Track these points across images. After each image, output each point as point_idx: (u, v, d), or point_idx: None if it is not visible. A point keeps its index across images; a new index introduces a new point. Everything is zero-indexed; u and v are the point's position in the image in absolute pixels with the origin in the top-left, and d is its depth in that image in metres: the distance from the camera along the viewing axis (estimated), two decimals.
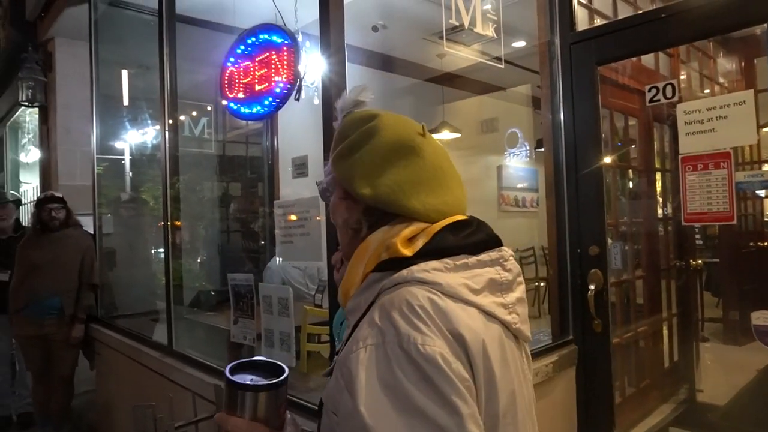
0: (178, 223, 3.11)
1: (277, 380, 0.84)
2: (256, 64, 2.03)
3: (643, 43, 2.24)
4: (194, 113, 5.18)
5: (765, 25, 2.13)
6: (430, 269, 0.73)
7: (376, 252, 0.78)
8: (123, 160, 5.05)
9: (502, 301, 0.78)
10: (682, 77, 3.87)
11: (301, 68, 2.00)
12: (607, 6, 2.93)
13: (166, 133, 3.15)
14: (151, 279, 4.17)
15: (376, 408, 0.64)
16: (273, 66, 1.94)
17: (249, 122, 5.85)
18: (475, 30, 2.43)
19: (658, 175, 3.63)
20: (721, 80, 4.21)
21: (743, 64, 4.59)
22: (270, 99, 1.96)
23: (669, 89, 2.19)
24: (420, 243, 0.77)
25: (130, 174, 5.09)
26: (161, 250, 3.89)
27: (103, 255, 4.18)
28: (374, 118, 0.85)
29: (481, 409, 0.68)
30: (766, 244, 4.80)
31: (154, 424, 1.89)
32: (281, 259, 1.87)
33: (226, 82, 2.18)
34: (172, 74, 3.30)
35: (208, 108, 5.35)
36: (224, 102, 2.31)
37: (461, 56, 2.80)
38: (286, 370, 0.86)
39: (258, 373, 0.85)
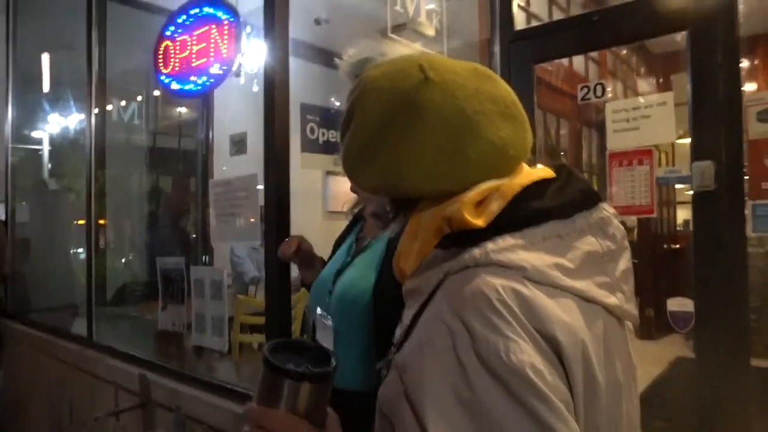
0: (102, 221, 2.94)
1: (327, 368, 0.69)
2: (195, 38, 1.95)
3: (576, 43, 2.35)
4: (123, 102, 4.91)
5: (685, 36, 2.28)
6: (511, 246, 0.57)
7: (433, 225, 0.62)
8: (41, 150, 4.71)
9: (605, 280, 0.61)
10: (608, 89, 4.12)
11: (241, 46, 1.94)
12: (543, 11, 3.06)
13: (92, 121, 2.96)
14: (70, 272, 3.91)
15: (447, 430, 0.51)
16: (212, 41, 1.87)
17: (181, 113, 5.63)
18: (418, 27, 2.46)
19: (585, 176, 3.83)
20: (641, 91, 4.52)
21: (661, 79, 4.97)
22: (206, 76, 1.89)
23: (599, 88, 2.31)
24: (494, 208, 0.59)
25: (49, 166, 4.77)
26: (81, 249, 3.67)
27: (16, 244, 3.88)
28: (358, 84, 0.69)
29: (580, 424, 0.55)
30: (678, 246, 5.20)
31: (69, 416, 1.76)
32: (215, 241, 1.79)
33: (161, 55, 2.08)
34: (101, 57, 3.13)
35: (139, 98, 5.10)
36: (156, 80, 2.21)
37: (403, 52, 2.83)
38: (334, 358, 0.71)
39: (300, 359, 0.70)
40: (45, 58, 4.34)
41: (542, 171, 0.66)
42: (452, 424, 0.51)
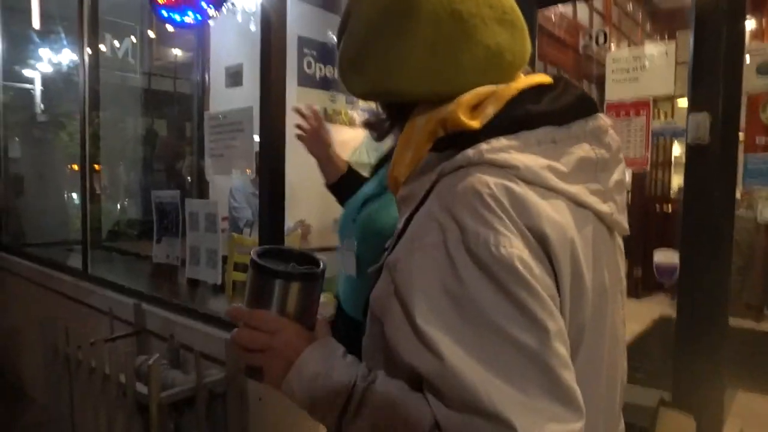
0: (97, 166, 2.92)
1: (315, 269, 0.69)
2: None
3: None
4: (116, 42, 4.78)
5: None
6: (505, 147, 0.57)
7: (427, 129, 0.62)
8: (33, 89, 4.62)
9: (597, 187, 0.62)
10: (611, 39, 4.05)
11: None
12: None
13: (86, 61, 2.89)
14: (65, 211, 3.93)
15: (437, 321, 0.52)
16: None
17: (177, 55, 5.52)
18: None
19: None
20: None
21: (667, 35, 4.88)
22: (205, 3, 1.85)
23: (601, 36, 2.28)
24: (490, 111, 0.60)
25: (42, 106, 4.69)
26: (75, 193, 3.67)
27: (8, 180, 3.87)
28: None
29: (565, 321, 0.55)
30: (670, 208, 5.24)
31: (66, 338, 1.80)
32: (210, 174, 1.80)
33: None
34: None
35: (133, 38, 4.96)
36: (151, 12, 2.16)
37: None
38: (323, 261, 0.71)
39: (287, 264, 0.70)
40: None
41: (540, 77, 0.65)
42: (441, 316, 0.51)
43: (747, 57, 1.99)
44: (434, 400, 0.52)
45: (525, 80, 0.64)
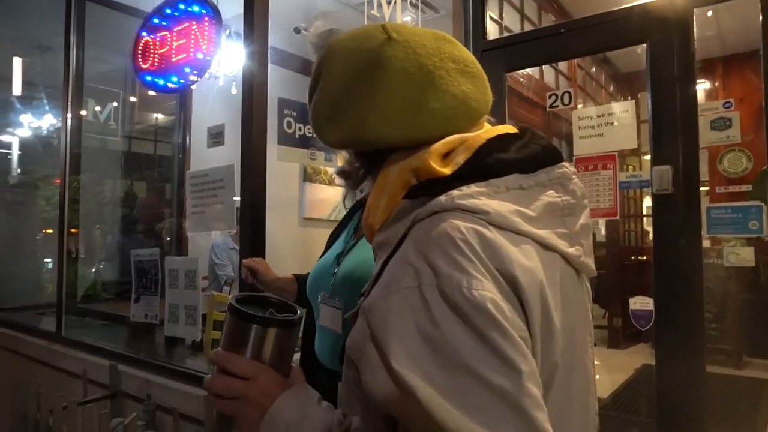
0: (74, 230, 2.91)
1: (292, 316, 0.70)
2: (174, 34, 1.99)
3: (546, 53, 2.46)
4: (98, 107, 4.87)
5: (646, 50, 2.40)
6: (475, 193, 0.60)
7: (400, 178, 0.65)
8: (10, 154, 4.64)
9: (564, 231, 0.64)
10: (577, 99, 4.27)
11: (221, 45, 1.99)
12: (515, 24, 3.19)
13: (68, 125, 2.93)
14: (37, 273, 3.85)
15: (412, 364, 0.52)
16: (192, 36, 1.91)
17: (158, 118, 5.61)
18: None
19: None
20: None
21: (629, 96, 5.17)
22: (188, 69, 1.93)
23: (566, 96, 2.42)
24: (460, 159, 0.63)
25: (18, 170, 4.69)
26: (49, 257, 3.60)
27: None
28: (325, 48, 0.74)
29: (537, 362, 0.56)
30: (645, 257, 5.37)
31: (36, 402, 1.74)
32: (190, 231, 1.81)
33: (140, 52, 2.11)
34: (79, 60, 3.10)
35: (115, 103, 5.05)
36: (134, 78, 2.24)
37: None
38: (300, 310, 0.73)
39: (264, 311, 0.71)
40: (16, 60, 4.28)
41: (506, 127, 0.70)
42: (416, 360, 0.52)
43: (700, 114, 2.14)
44: None
45: (493, 130, 0.69)
